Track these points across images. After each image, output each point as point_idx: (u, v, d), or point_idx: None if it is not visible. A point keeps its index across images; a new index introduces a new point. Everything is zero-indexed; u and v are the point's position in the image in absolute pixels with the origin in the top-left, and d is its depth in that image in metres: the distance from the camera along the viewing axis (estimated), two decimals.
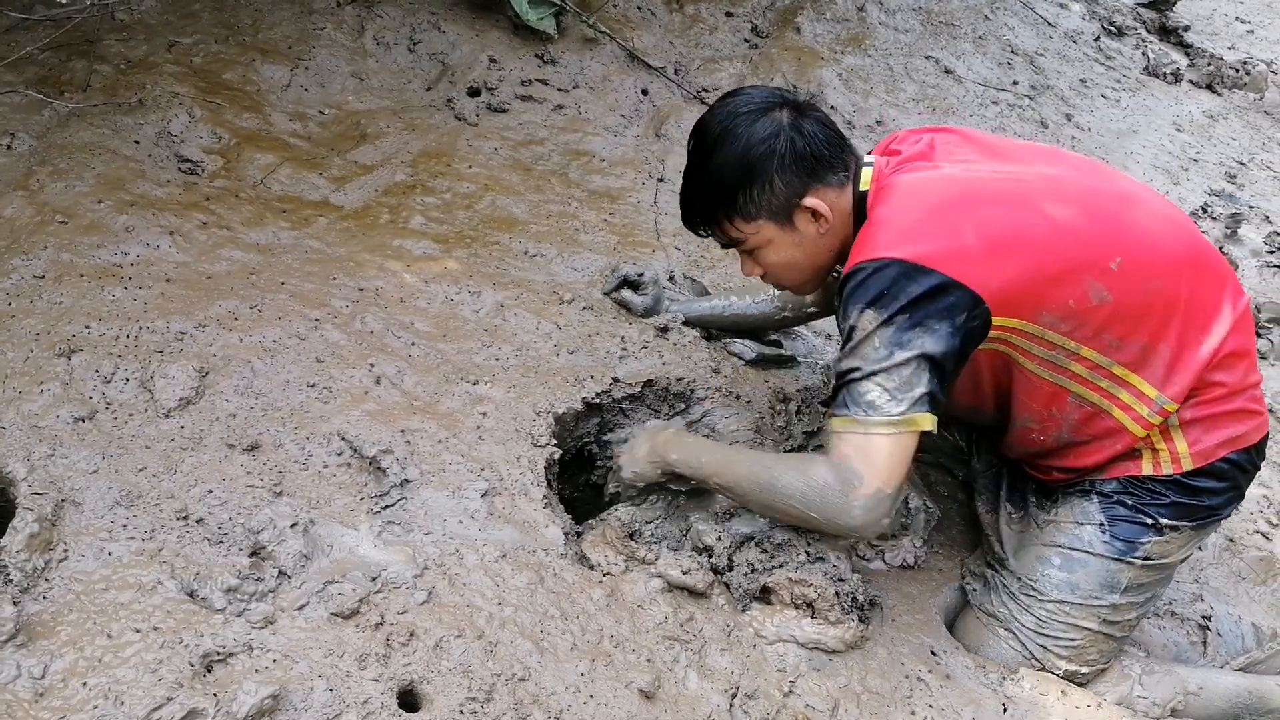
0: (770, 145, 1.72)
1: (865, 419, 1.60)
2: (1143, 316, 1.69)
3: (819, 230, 1.77)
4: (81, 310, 1.93)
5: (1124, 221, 1.71)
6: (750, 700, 1.65)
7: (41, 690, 1.38)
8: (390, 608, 1.57)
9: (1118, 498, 1.82)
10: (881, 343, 1.59)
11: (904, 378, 1.59)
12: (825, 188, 1.76)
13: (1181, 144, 4.25)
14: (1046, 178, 1.72)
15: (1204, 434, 1.76)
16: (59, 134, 2.35)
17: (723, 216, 1.78)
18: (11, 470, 1.61)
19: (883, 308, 1.59)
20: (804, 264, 1.82)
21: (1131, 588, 1.82)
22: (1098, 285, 1.65)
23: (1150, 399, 1.73)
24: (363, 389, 1.94)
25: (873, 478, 1.60)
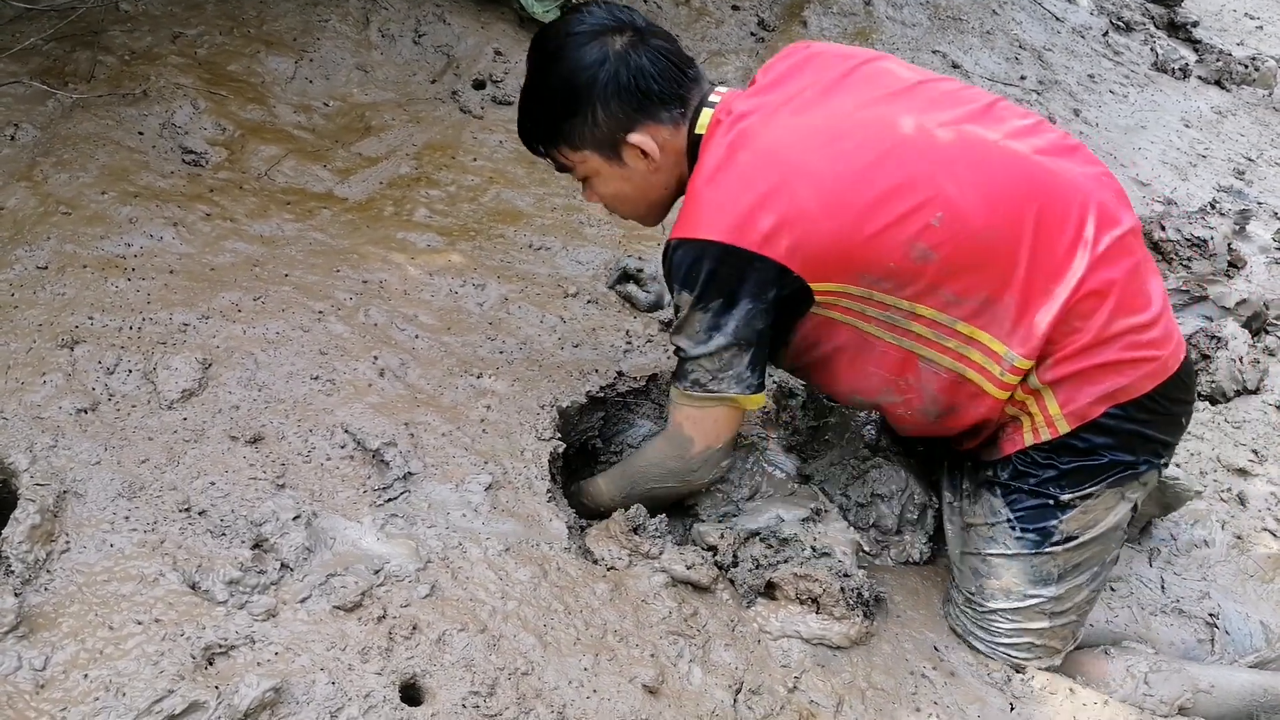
0: (593, 74, 1.66)
1: (692, 394, 1.73)
2: (977, 269, 1.60)
3: (648, 167, 1.72)
4: (84, 301, 1.92)
5: (953, 172, 1.60)
6: (754, 696, 1.64)
7: (43, 682, 1.37)
8: (393, 601, 1.57)
9: (1015, 485, 1.76)
10: (700, 326, 1.66)
11: (724, 360, 1.68)
12: (656, 124, 1.70)
13: (1190, 140, 4.23)
14: (874, 128, 1.61)
15: (1075, 392, 1.66)
16: (63, 125, 2.35)
17: (550, 144, 1.75)
18: (14, 461, 1.60)
19: (695, 289, 1.62)
20: (635, 198, 1.80)
21: (1066, 573, 1.77)
22: (919, 244, 1.58)
23: (1000, 355, 1.65)
24: (366, 381, 1.93)
25: (701, 439, 1.79)
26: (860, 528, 1.97)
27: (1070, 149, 1.71)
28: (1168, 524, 2.22)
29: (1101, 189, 1.68)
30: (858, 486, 2.02)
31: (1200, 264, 3.11)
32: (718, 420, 1.77)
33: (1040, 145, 1.67)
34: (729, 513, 1.90)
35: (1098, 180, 1.69)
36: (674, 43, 1.74)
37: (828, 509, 1.91)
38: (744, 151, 1.61)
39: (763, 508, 1.89)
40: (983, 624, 1.83)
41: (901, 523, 2.00)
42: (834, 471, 2.04)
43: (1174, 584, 2.08)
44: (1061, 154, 1.69)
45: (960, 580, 1.87)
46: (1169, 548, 2.18)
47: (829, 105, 1.64)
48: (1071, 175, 1.66)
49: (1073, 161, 1.69)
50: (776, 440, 2.10)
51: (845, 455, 2.06)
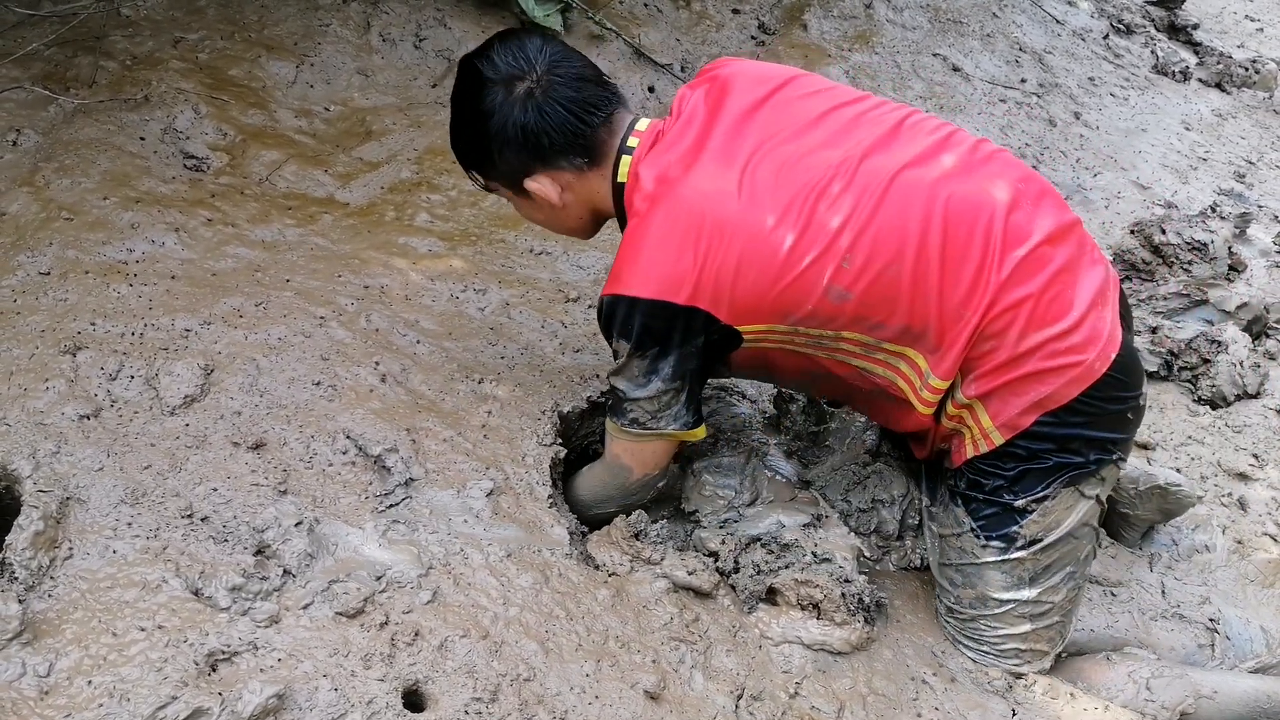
0: (490, 124, 1.73)
1: (630, 430, 1.81)
2: (891, 302, 1.64)
3: (556, 201, 1.79)
4: (87, 307, 1.93)
5: (856, 210, 1.62)
6: (756, 701, 1.64)
7: (46, 688, 1.38)
8: (395, 607, 1.57)
9: (972, 494, 1.79)
10: (639, 371, 1.73)
11: (662, 404, 1.76)
12: (555, 170, 1.76)
13: (1190, 143, 4.23)
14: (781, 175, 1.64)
15: (1002, 405, 1.69)
16: (65, 130, 2.35)
17: (468, 169, 1.85)
18: (17, 467, 1.61)
19: (629, 339, 1.70)
20: (552, 223, 1.90)
21: (1038, 575, 1.78)
22: (834, 287, 1.62)
23: (922, 373, 1.69)
24: (368, 387, 1.93)
25: (639, 467, 1.87)
26: (861, 533, 1.97)
27: (980, 162, 1.70)
28: (1169, 529, 2.22)
29: (1014, 199, 1.67)
30: (859, 492, 2.02)
31: (1200, 267, 3.10)
32: (655, 451, 1.85)
33: (947, 167, 1.67)
34: (730, 519, 1.90)
35: (1009, 191, 1.68)
36: (581, 90, 1.74)
37: (829, 514, 1.91)
38: (664, 208, 1.66)
39: (764, 513, 1.90)
40: (967, 632, 1.84)
41: (903, 528, 2.00)
42: (835, 477, 2.04)
43: (1175, 589, 2.08)
44: (970, 170, 1.68)
45: (940, 591, 1.88)
46: (1169, 553, 2.19)
47: (738, 149, 1.68)
48: (977, 197, 1.66)
49: (982, 177, 1.68)
50: (777, 446, 2.11)
51: (846, 461, 2.06)
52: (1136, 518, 2.18)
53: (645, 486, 1.90)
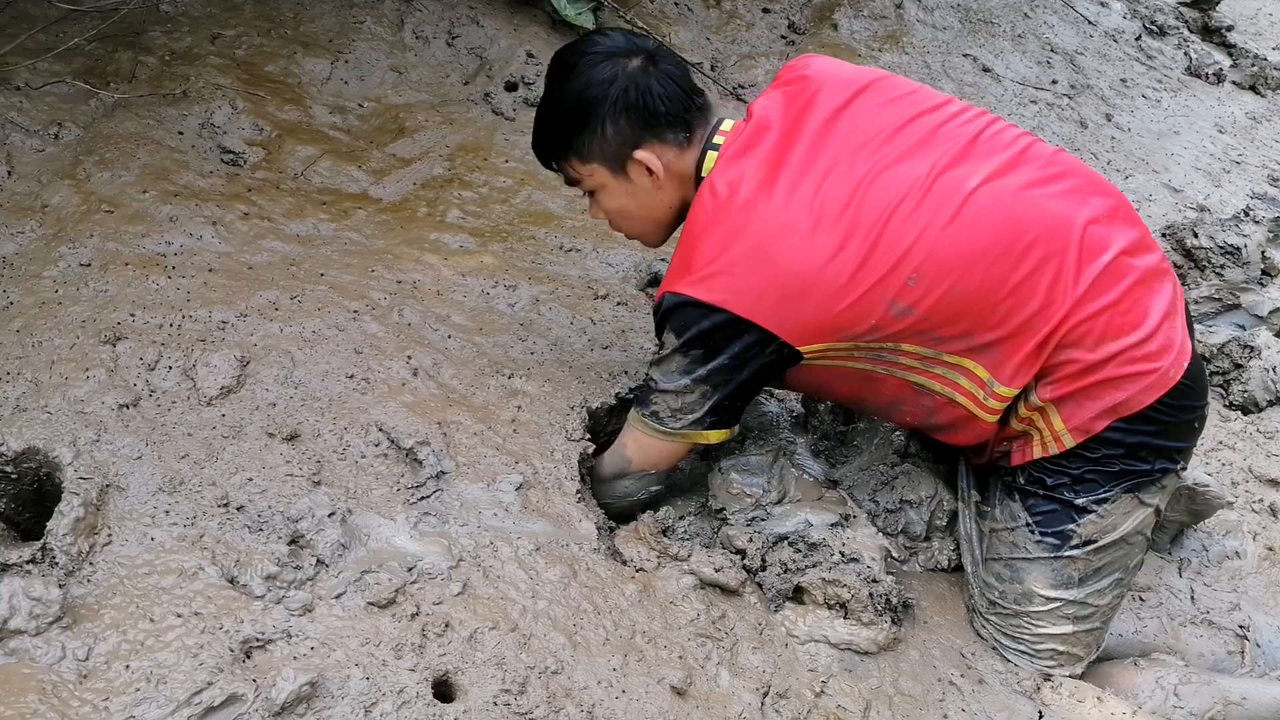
0: (604, 90, 1.73)
1: (646, 422, 1.82)
2: (954, 318, 1.65)
3: (653, 184, 1.79)
4: (126, 298, 1.96)
5: (929, 226, 1.63)
6: (782, 700, 1.65)
7: (85, 672, 1.40)
8: (426, 598, 1.59)
9: (1031, 490, 1.80)
10: (677, 368, 1.74)
11: (686, 403, 1.77)
12: (661, 144, 1.77)
13: (1224, 146, 4.18)
14: (851, 198, 1.64)
15: (1077, 408, 1.71)
16: (105, 124, 2.39)
17: (560, 156, 1.82)
18: (58, 455, 1.64)
19: (680, 338, 1.71)
20: (639, 214, 1.87)
21: (1088, 576, 1.79)
22: (898, 304, 1.64)
23: (984, 382, 1.71)
24: (400, 381, 1.95)
25: (640, 462, 1.88)
26: (889, 533, 1.97)
27: (1058, 175, 1.71)
28: (1199, 535, 2.20)
29: (1092, 212, 1.68)
30: (886, 492, 2.02)
31: (1233, 272, 3.07)
32: (662, 451, 1.86)
33: (1025, 180, 1.68)
34: (758, 517, 1.91)
35: (1086, 204, 1.69)
36: (686, 72, 1.81)
37: (856, 514, 1.91)
38: (738, 226, 1.67)
39: (791, 512, 1.90)
40: (1006, 629, 1.84)
41: (930, 529, 2.00)
42: (863, 477, 2.04)
43: (1204, 595, 2.06)
44: (1047, 183, 1.69)
45: (983, 586, 1.88)
46: (1199, 559, 2.17)
47: (814, 165, 1.68)
48: (1054, 210, 1.67)
49: (1059, 189, 1.69)
50: (805, 445, 2.11)
51: (874, 461, 2.06)
52: (1165, 519, 2.16)
53: (638, 480, 1.91)
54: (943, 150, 1.69)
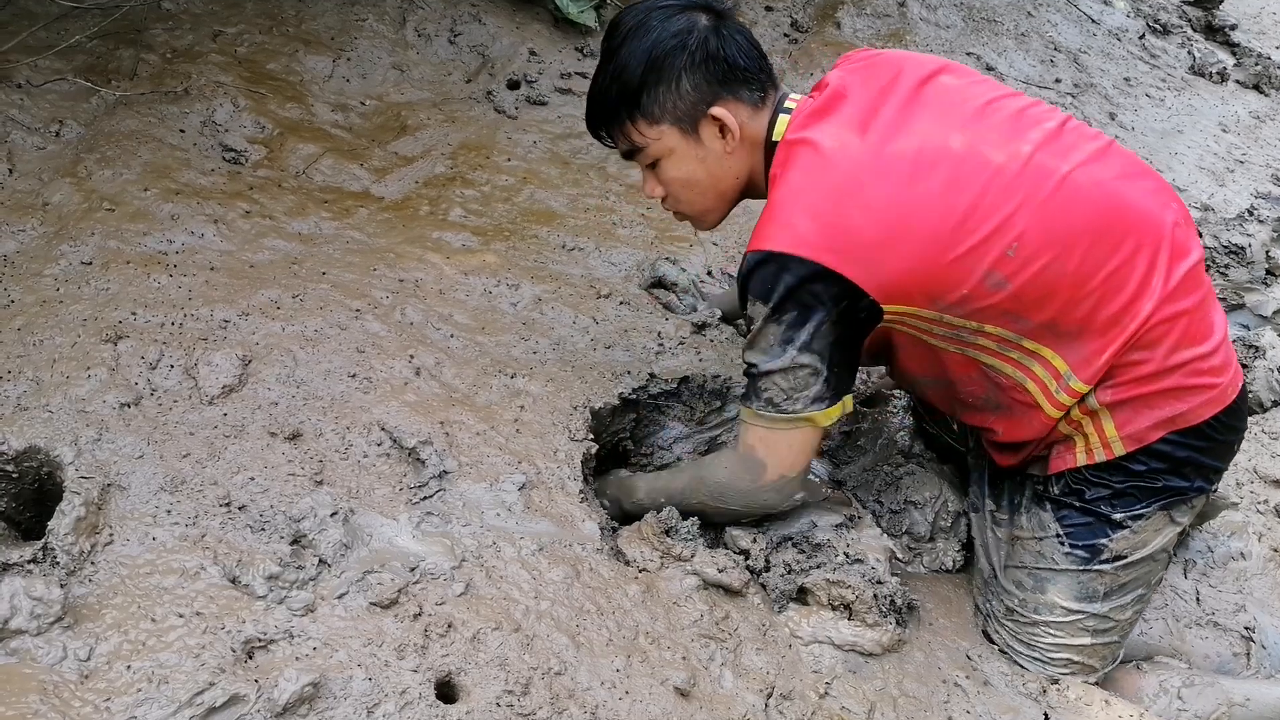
0: (681, 40, 1.65)
1: (764, 414, 1.67)
2: (1047, 299, 1.60)
3: (725, 148, 1.70)
4: (128, 297, 1.95)
5: (1029, 198, 1.58)
6: (786, 701, 1.64)
7: (86, 672, 1.40)
8: (428, 599, 1.58)
9: (1066, 500, 1.76)
10: (774, 340, 1.62)
11: (799, 379, 1.63)
12: (737, 102, 1.68)
13: (1227, 145, 4.17)
14: (952, 157, 1.58)
15: (1134, 415, 1.66)
16: (106, 122, 2.38)
17: (625, 117, 1.70)
18: (59, 454, 1.63)
19: (770, 302, 1.60)
20: (705, 184, 1.75)
21: (1113, 591, 1.76)
22: (994, 273, 1.57)
23: (1060, 374, 1.65)
24: (403, 380, 1.95)
25: (775, 465, 1.71)
26: (893, 534, 1.97)
27: (1141, 173, 1.69)
28: (1204, 536, 2.19)
29: (1173, 216, 1.67)
30: (891, 493, 2.01)
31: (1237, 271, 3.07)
32: (792, 445, 1.70)
33: (1116, 170, 1.65)
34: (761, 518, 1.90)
35: (1169, 207, 1.67)
36: (750, 35, 1.73)
37: (861, 515, 1.91)
38: (828, 173, 1.58)
39: (795, 513, 1.89)
40: (1023, 637, 1.82)
41: (935, 530, 1.99)
42: (867, 478, 2.03)
43: (1209, 597, 2.05)
44: (1135, 179, 1.67)
45: (1002, 593, 1.85)
46: (1204, 560, 2.16)
47: (907, 130, 1.61)
48: (1145, 205, 1.64)
49: (1146, 187, 1.67)
50: None
51: (879, 461, 2.06)
52: None
53: (779, 491, 1.75)
54: (1034, 131, 1.64)
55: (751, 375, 1.68)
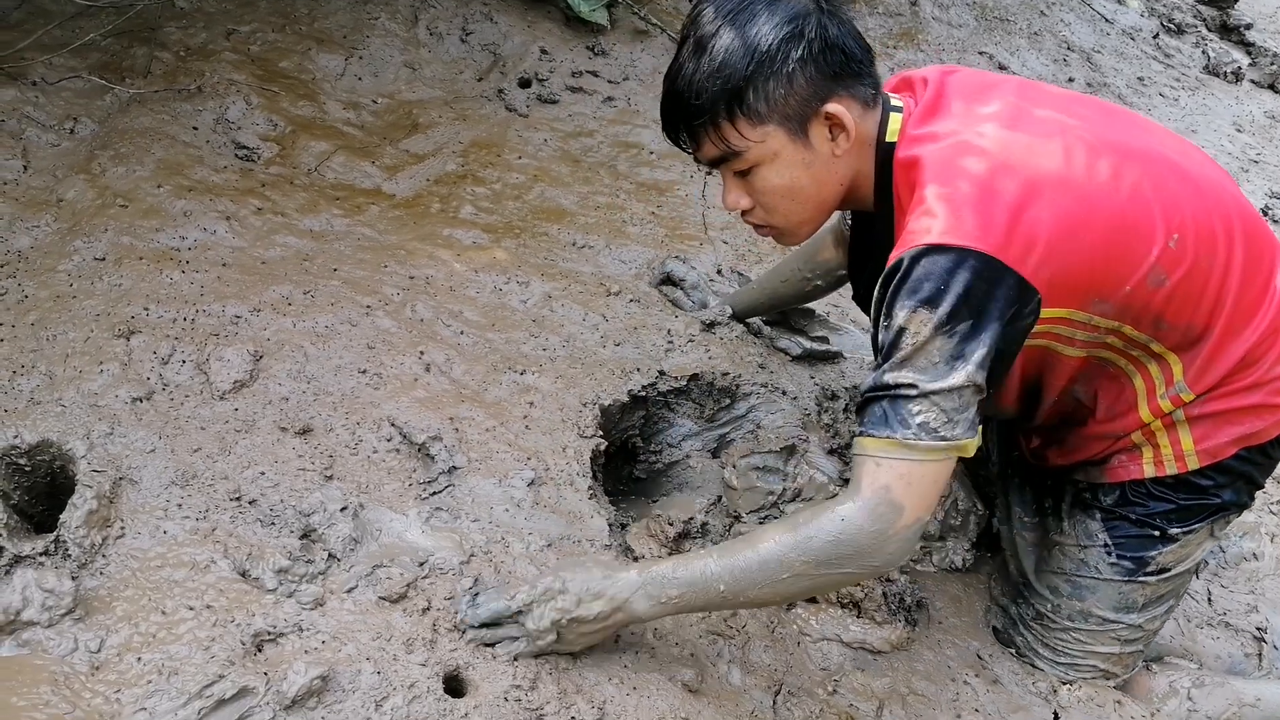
0: (797, 27, 1.44)
1: (916, 443, 1.39)
2: (1197, 296, 1.52)
3: (834, 150, 1.51)
4: (140, 292, 1.97)
5: (1179, 188, 1.50)
6: (794, 698, 1.64)
7: (97, 664, 1.41)
8: (437, 593, 1.59)
9: (1121, 512, 1.70)
10: (940, 355, 1.38)
11: (964, 399, 1.39)
12: (851, 98, 1.49)
13: (1242, 144, 4.15)
14: (1100, 139, 1.48)
15: (1214, 430, 1.61)
16: (120, 119, 2.39)
17: (725, 116, 1.46)
18: (72, 447, 1.64)
19: (939, 308, 1.36)
20: (809, 191, 1.53)
21: (1150, 603, 1.74)
22: (1157, 269, 1.47)
23: (1173, 380, 1.58)
24: (412, 376, 1.95)
25: (914, 507, 1.41)
26: None
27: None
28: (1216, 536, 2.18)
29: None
30: None
31: None
32: (936, 480, 1.42)
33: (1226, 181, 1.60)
34: (771, 515, 1.90)
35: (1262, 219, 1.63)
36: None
37: None
38: (975, 159, 1.43)
39: None
40: (1050, 642, 1.80)
41: (945, 528, 1.98)
42: None
43: (1221, 597, 2.04)
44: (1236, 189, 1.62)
45: (1035, 597, 1.81)
46: (1217, 560, 2.15)
47: (1046, 121, 1.49)
48: (1256, 213, 1.60)
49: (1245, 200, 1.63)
50: (818, 443, 2.10)
51: None
52: None
53: (907, 540, 1.43)
54: (1150, 134, 1.56)
55: (899, 397, 1.39)
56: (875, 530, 1.40)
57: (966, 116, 1.49)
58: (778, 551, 1.42)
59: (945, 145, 1.46)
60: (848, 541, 1.40)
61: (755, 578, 1.43)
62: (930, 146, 1.47)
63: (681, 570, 1.46)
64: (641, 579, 1.46)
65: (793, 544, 1.42)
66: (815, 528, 1.41)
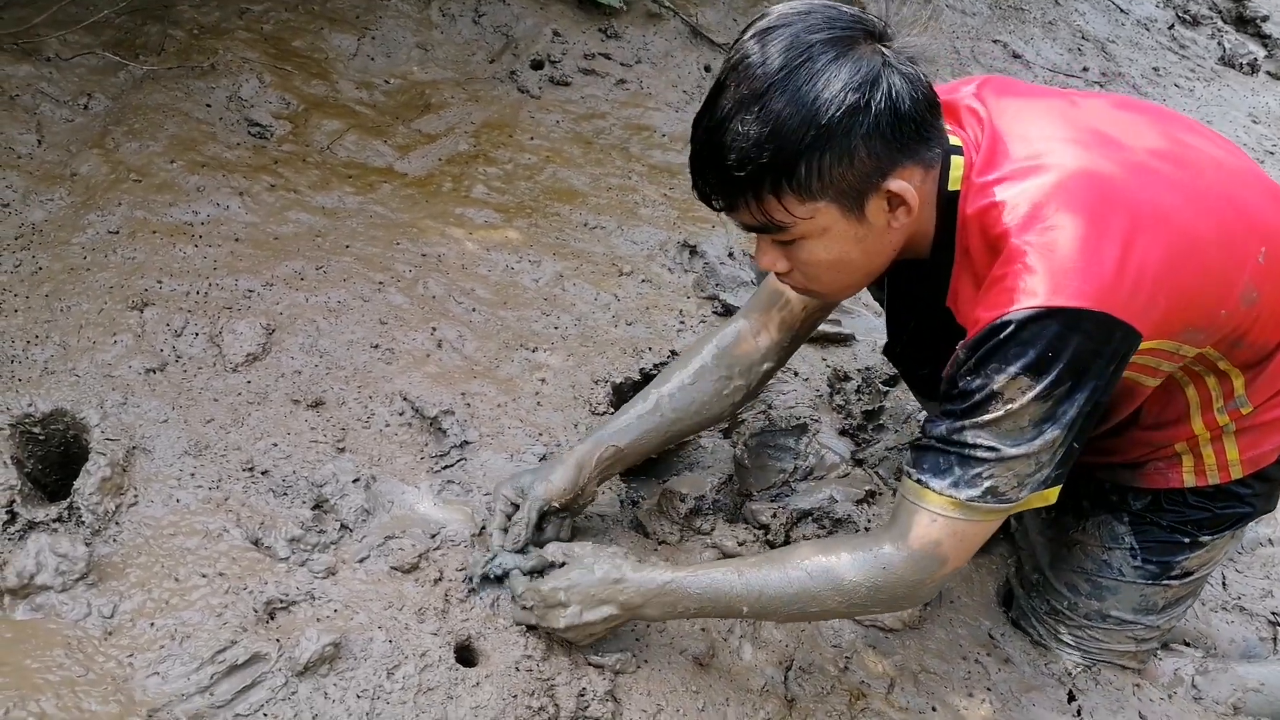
0: (864, 97, 1.23)
1: (979, 506, 1.32)
2: (1278, 318, 1.45)
3: (891, 222, 1.33)
4: (154, 266, 1.97)
5: (1254, 196, 1.41)
6: (805, 674, 1.63)
7: (110, 629, 1.41)
8: (449, 564, 1.58)
9: (1151, 518, 1.65)
10: (1031, 421, 1.29)
11: (1040, 460, 1.31)
12: (915, 166, 1.31)
13: (1258, 136, 4.11)
14: (1173, 154, 1.39)
15: (1260, 439, 1.55)
16: (134, 95, 2.39)
17: (768, 190, 1.28)
18: (85, 416, 1.64)
19: (1043, 374, 1.26)
20: (857, 265, 1.38)
21: (1170, 605, 1.72)
22: (1249, 287, 1.37)
23: (1233, 394, 1.51)
24: (424, 351, 1.95)
25: (958, 559, 1.37)
26: None
27: None
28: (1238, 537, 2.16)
29: None
30: None
31: None
32: (986, 534, 1.37)
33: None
34: (782, 493, 1.89)
35: None
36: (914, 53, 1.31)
37: (882, 491, 1.90)
38: (1060, 200, 1.29)
39: (816, 488, 1.89)
40: (1063, 636, 1.77)
41: None
42: (890, 456, 2.02)
43: (1236, 581, 2.03)
44: None
45: (1051, 594, 1.77)
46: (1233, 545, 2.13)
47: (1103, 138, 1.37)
48: None
49: None
50: (830, 424, 2.09)
51: (900, 441, 2.04)
52: None
53: (942, 585, 1.46)
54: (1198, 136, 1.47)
55: (972, 459, 1.31)
56: (916, 580, 1.37)
57: (1031, 147, 1.35)
58: (810, 586, 1.39)
59: (1024, 189, 1.31)
60: (886, 588, 1.37)
61: (782, 606, 1.41)
62: (1006, 191, 1.33)
63: (702, 583, 1.43)
64: (658, 586, 1.43)
65: (828, 581, 1.38)
66: (854, 569, 1.37)
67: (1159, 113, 1.52)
